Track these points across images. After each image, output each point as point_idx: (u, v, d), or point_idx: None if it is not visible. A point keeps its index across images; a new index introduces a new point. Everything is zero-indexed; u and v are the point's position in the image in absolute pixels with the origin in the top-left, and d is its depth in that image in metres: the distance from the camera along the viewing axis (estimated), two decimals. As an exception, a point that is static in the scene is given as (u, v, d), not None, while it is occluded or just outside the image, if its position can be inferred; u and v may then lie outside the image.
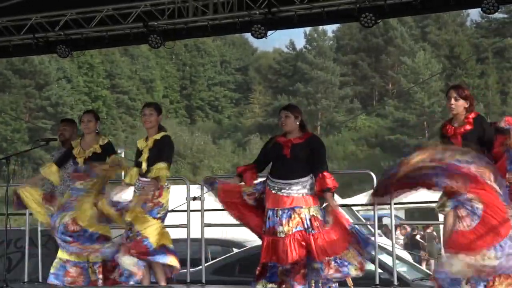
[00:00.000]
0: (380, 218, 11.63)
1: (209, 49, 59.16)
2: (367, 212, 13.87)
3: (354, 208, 14.26)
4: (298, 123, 5.88)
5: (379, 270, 7.00)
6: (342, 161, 45.59)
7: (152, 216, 6.12)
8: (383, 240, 9.34)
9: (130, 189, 6.36)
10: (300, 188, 5.71)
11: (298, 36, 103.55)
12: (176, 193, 6.80)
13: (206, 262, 7.92)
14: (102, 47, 11.05)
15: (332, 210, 5.67)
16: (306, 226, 5.64)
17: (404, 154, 5.36)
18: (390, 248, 7.09)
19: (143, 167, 6.14)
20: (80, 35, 9.04)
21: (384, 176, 5.41)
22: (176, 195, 6.83)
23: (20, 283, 7.78)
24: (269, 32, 8.24)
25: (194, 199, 7.43)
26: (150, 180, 6.10)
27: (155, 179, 6.06)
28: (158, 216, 6.16)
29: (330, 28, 58.30)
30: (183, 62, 58.83)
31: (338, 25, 52.14)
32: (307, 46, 56.12)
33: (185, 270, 7.33)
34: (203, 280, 7.36)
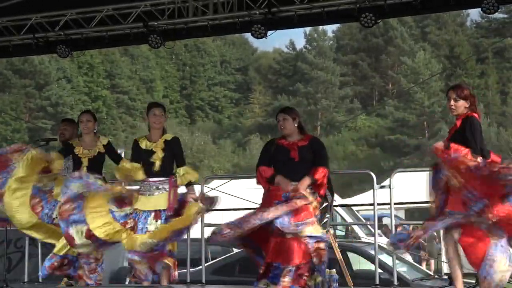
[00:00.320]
0: (380, 218, 11.63)
1: (209, 49, 59.16)
2: (367, 212, 13.87)
3: (354, 208, 14.28)
4: (296, 125, 5.86)
5: (379, 270, 7.00)
6: (342, 161, 45.57)
7: None
8: (383, 240, 9.32)
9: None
10: (308, 188, 5.69)
11: (298, 36, 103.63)
12: (176, 193, 6.78)
13: (206, 262, 7.92)
14: (102, 47, 11.05)
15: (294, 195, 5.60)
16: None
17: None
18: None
19: (157, 166, 6.06)
20: (80, 35, 9.04)
21: None
22: (176, 195, 6.81)
23: (20, 283, 7.79)
24: (269, 32, 8.25)
25: (194, 199, 7.43)
26: (183, 186, 6.11)
27: (189, 184, 6.10)
28: None
29: (330, 28, 58.45)
30: (183, 62, 58.83)
31: (338, 25, 52.23)
32: (307, 46, 56.13)
33: (185, 270, 7.34)
34: (203, 280, 7.36)
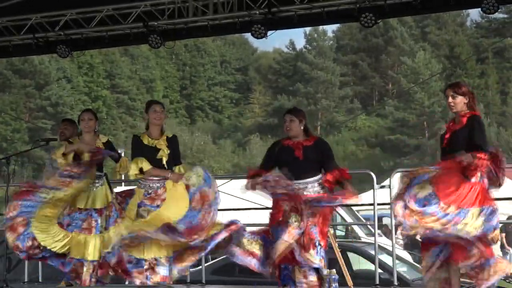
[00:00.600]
0: (380, 218, 11.61)
1: (209, 49, 59.14)
2: (367, 212, 13.86)
3: (354, 208, 14.24)
4: (302, 127, 5.81)
5: (379, 270, 7.01)
6: (342, 161, 45.50)
7: None
8: (383, 240, 9.34)
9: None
10: (316, 186, 5.71)
11: (298, 36, 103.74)
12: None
13: (206, 262, 7.92)
14: (102, 47, 11.04)
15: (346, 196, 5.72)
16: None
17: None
18: (390, 248, 7.10)
19: (164, 163, 6.04)
20: (80, 35, 9.05)
21: None
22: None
23: (20, 283, 7.79)
24: (269, 32, 8.25)
25: (194, 199, 7.42)
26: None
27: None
28: None
29: (330, 28, 58.42)
30: (183, 62, 58.81)
31: (338, 25, 52.22)
32: (307, 46, 56.09)
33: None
34: (203, 280, 7.38)
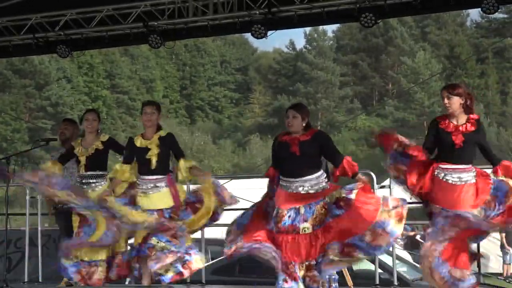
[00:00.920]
0: (380, 218, 11.58)
1: (209, 49, 59.14)
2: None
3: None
4: (304, 125, 5.68)
5: (379, 270, 7.00)
6: (342, 161, 45.51)
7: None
8: (383, 240, 9.31)
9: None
10: (315, 183, 5.57)
11: (298, 36, 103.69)
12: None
13: (206, 262, 7.92)
14: (102, 47, 11.05)
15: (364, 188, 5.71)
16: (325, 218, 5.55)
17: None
18: (390, 248, 7.08)
19: (153, 163, 6.02)
20: (80, 35, 9.05)
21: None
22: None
23: (20, 283, 7.78)
24: (269, 32, 8.25)
25: (195, 199, 7.42)
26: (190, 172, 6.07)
27: (191, 167, 6.07)
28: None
29: (330, 28, 58.44)
30: (183, 62, 58.81)
31: (338, 25, 52.21)
32: (307, 46, 56.10)
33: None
34: (203, 280, 7.37)
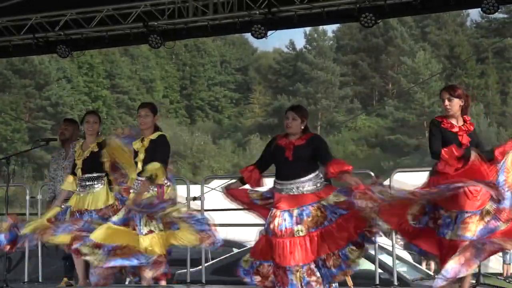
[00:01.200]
0: (380, 218, 11.59)
1: (209, 49, 59.13)
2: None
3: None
4: (303, 127, 5.66)
5: (379, 270, 7.00)
6: (342, 161, 45.53)
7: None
8: (383, 240, 9.32)
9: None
10: (310, 185, 5.52)
11: (298, 36, 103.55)
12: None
13: (206, 262, 7.92)
14: (102, 47, 11.04)
15: (356, 187, 5.38)
16: (324, 221, 5.47)
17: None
18: (390, 248, 7.09)
19: (139, 167, 6.05)
20: (80, 35, 9.04)
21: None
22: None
23: (20, 283, 7.79)
24: (269, 32, 8.25)
25: (194, 199, 7.44)
26: (143, 180, 6.01)
27: (148, 178, 5.96)
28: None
29: (330, 28, 58.41)
30: (183, 62, 58.81)
31: (338, 25, 52.22)
32: (307, 46, 56.11)
33: (185, 270, 7.35)
34: (203, 280, 7.37)
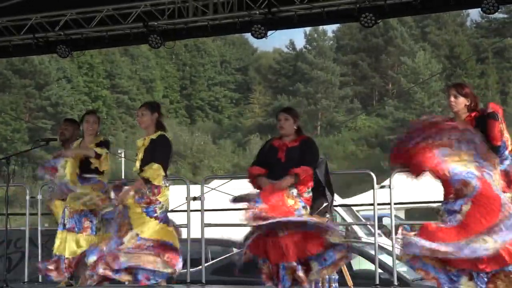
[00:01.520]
0: (380, 218, 11.60)
1: (209, 49, 59.16)
2: (367, 212, 13.86)
3: (354, 208, 14.25)
4: (295, 127, 5.79)
5: (379, 270, 7.00)
6: (342, 161, 45.56)
7: (148, 215, 6.07)
8: (383, 240, 9.33)
9: None
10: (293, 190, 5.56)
11: (298, 36, 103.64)
12: (176, 193, 6.79)
13: (206, 262, 7.92)
14: (102, 47, 11.05)
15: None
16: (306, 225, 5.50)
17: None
18: (390, 248, 7.09)
19: (136, 166, 6.08)
20: (80, 35, 9.05)
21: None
22: (176, 195, 6.82)
23: (20, 283, 7.79)
24: (269, 32, 8.25)
25: (194, 199, 7.44)
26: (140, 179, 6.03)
27: (145, 180, 5.99)
28: (155, 215, 6.09)
29: (330, 28, 58.43)
30: (183, 62, 58.83)
31: (338, 25, 52.21)
32: (307, 46, 56.15)
33: (185, 270, 7.34)
34: (203, 280, 7.36)
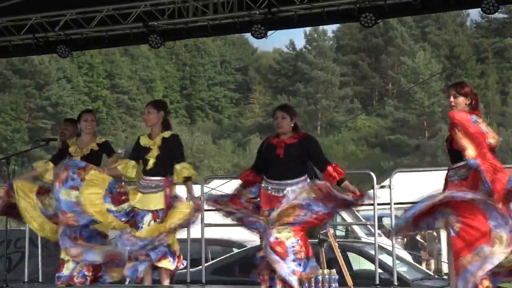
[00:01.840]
0: (380, 218, 11.61)
1: (209, 49, 59.13)
2: (367, 212, 13.86)
3: (354, 208, 14.25)
4: (292, 125, 5.78)
5: (379, 270, 7.01)
6: (342, 161, 45.49)
7: None
8: (383, 240, 9.34)
9: None
10: (296, 189, 5.56)
11: (298, 36, 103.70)
12: (176, 193, 6.78)
13: (206, 262, 7.92)
14: (102, 47, 11.05)
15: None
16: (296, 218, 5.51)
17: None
18: (390, 248, 7.10)
19: (150, 164, 5.99)
20: (80, 35, 9.04)
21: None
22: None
23: (20, 283, 7.79)
24: (269, 32, 8.24)
25: (194, 199, 7.42)
26: (179, 182, 6.05)
27: (188, 179, 6.03)
28: None
29: (330, 28, 58.39)
30: (183, 62, 58.80)
31: (338, 25, 52.21)
32: (307, 46, 56.10)
33: (185, 270, 7.34)
34: (203, 280, 7.37)
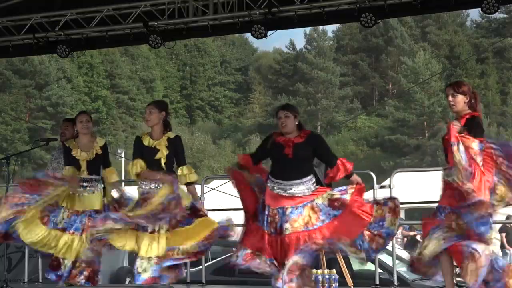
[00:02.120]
0: (380, 218, 11.60)
1: (209, 49, 59.14)
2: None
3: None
4: (296, 123, 5.74)
5: (379, 270, 7.00)
6: (342, 161, 45.53)
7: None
8: (383, 240, 9.30)
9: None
10: (303, 189, 5.56)
11: (298, 36, 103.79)
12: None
13: (206, 262, 7.92)
14: (102, 47, 11.05)
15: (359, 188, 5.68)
16: (312, 223, 5.52)
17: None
18: (390, 248, 7.09)
19: (162, 164, 6.01)
20: (80, 35, 9.05)
21: None
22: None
23: (20, 283, 7.79)
24: (269, 32, 8.25)
25: (195, 199, 7.43)
26: (186, 186, 6.07)
27: (192, 182, 6.10)
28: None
29: (330, 28, 58.40)
30: (183, 62, 58.82)
31: (338, 25, 52.24)
32: (307, 46, 56.12)
33: (185, 270, 7.34)
34: (203, 280, 7.37)
